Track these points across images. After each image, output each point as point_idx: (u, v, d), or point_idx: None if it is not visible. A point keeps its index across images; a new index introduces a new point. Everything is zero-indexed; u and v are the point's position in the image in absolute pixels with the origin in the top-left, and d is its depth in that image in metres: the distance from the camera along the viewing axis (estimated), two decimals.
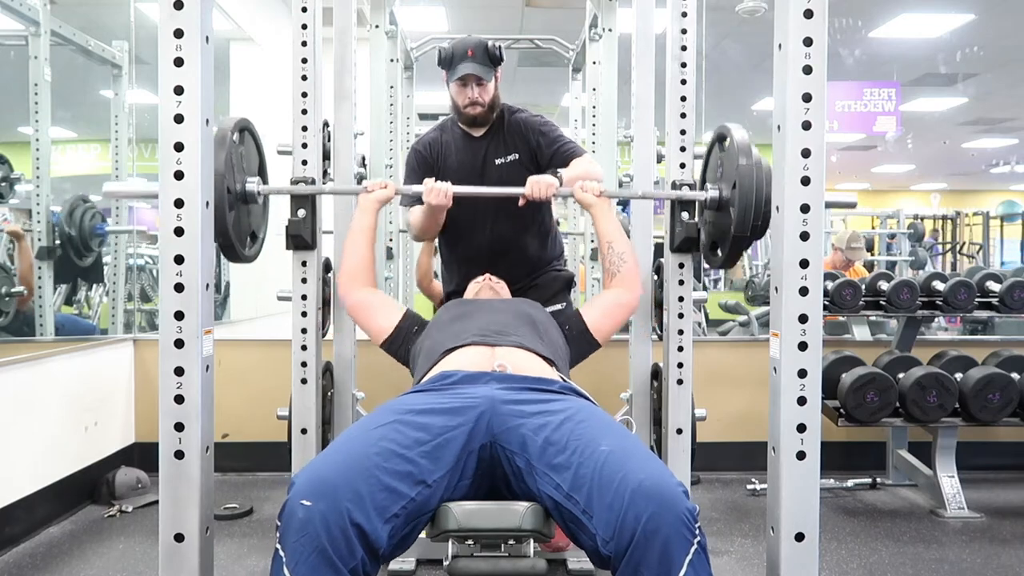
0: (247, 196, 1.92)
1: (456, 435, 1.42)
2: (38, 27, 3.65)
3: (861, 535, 2.84)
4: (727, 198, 1.89)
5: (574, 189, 2.15)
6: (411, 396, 1.58)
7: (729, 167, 1.88)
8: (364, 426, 1.47)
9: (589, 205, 2.14)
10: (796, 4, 1.39)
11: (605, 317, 2.07)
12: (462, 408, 1.46)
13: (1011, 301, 3.25)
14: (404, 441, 1.38)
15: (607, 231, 2.12)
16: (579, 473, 1.34)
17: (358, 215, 2.13)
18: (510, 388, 1.54)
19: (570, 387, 1.66)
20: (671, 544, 1.23)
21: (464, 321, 1.91)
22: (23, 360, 2.82)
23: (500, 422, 1.45)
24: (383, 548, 1.28)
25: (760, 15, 5.57)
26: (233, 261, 1.98)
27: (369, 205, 2.11)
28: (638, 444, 1.44)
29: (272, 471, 3.45)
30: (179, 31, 1.37)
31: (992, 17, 6.50)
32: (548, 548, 2.42)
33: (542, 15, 6.15)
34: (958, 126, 10.84)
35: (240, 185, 1.90)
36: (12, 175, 3.93)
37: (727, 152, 1.92)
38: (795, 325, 1.42)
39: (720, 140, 1.98)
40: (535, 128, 2.49)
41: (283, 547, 1.25)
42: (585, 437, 1.39)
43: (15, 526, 2.68)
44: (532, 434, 1.42)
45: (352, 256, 2.09)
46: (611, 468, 1.32)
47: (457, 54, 2.37)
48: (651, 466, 1.33)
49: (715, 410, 2.48)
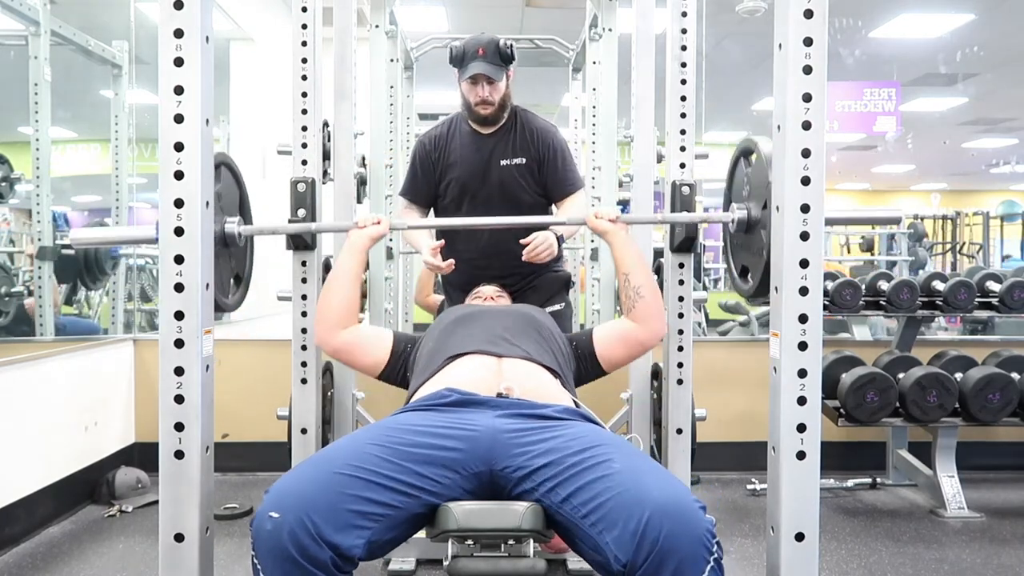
0: (227, 239, 1.75)
1: (448, 456, 1.38)
2: (38, 27, 3.66)
3: (861, 535, 2.84)
4: (757, 218, 1.71)
5: (587, 218, 1.98)
6: (406, 415, 1.52)
7: (758, 184, 1.71)
8: (349, 440, 1.44)
9: (604, 232, 1.94)
10: (796, 4, 1.39)
11: (616, 346, 1.93)
12: (461, 436, 1.41)
13: (1011, 301, 3.25)
14: (390, 454, 1.35)
15: (623, 261, 1.92)
16: (593, 491, 1.31)
17: (346, 255, 1.91)
18: (513, 416, 1.47)
19: (574, 411, 1.59)
20: (687, 563, 1.21)
21: (468, 326, 1.86)
22: (23, 360, 2.82)
23: (502, 451, 1.40)
24: (359, 554, 1.27)
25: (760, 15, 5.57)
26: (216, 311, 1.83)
27: (360, 243, 1.91)
28: (649, 460, 1.42)
29: (272, 471, 3.44)
30: (179, 31, 1.37)
31: (992, 17, 6.50)
32: (548, 548, 2.42)
33: (542, 15, 6.16)
34: (958, 126, 10.85)
35: (219, 227, 1.71)
36: (12, 175, 3.93)
37: (755, 167, 1.74)
38: (795, 325, 1.42)
39: (746, 155, 1.82)
40: (548, 142, 2.50)
41: (257, 558, 1.26)
42: (596, 456, 1.36)
43: (15, 526, 2.68)
44: (538, 457, 1.38)
45: (335, 300, 1.88)
46: (626, 485, 1.29)
47: (468, 52, 2.37)
48: (667, 483, 1.31)
49: (715, 410, 2.48)
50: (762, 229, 1.66)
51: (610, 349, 1.93)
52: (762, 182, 1.65)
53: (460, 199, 2.53)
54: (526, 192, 2.52)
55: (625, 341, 1.93)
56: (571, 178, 2.54)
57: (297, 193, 2.10)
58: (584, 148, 4.08)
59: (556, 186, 2.52)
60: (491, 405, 1.51)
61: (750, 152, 1.77)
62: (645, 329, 1.91)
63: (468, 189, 2.51)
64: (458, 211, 2.56)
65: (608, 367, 1.94)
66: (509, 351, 1.74)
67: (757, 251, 1.72)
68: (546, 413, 1.51)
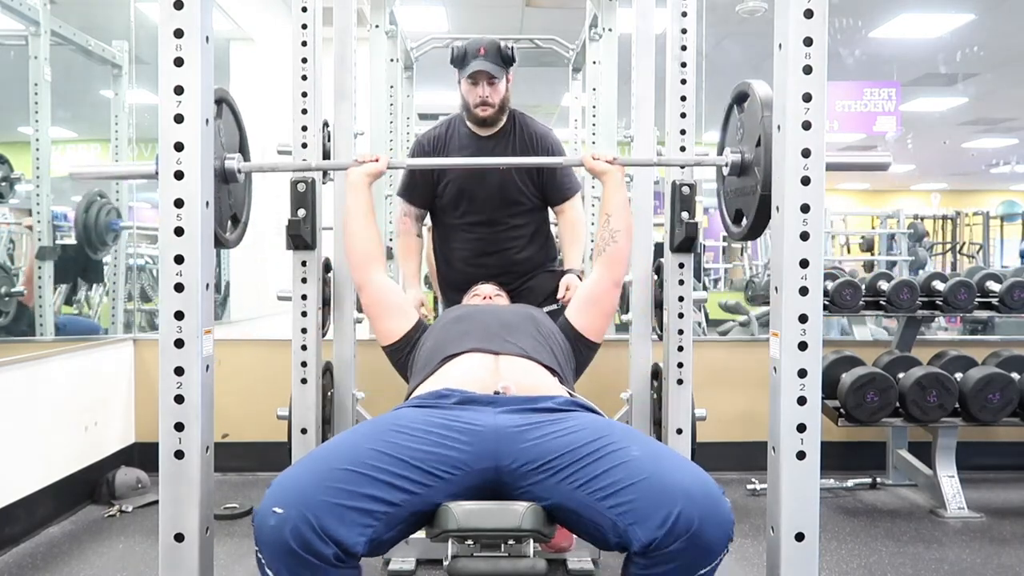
0: (227, 174, 1.74)
1: (453, 453, 1.38)
2: (38, 27, 3.66)
3: (861, 535, 2.84)
4: (750, 159, 1.72)
5: (584, 159, 2.03)
6: (407, 411, 1.52)
7: (751, 124, 1.72)
8: (350, 435, 1.45)
9: (602, 172, 2.00)
10: (796, 4, 1.39)
11: (587, 311, 1.97)
12: (465, 433, 1.41)
13: (1011, 301, 3.25)
14: (391, 450, 1.35)
15: (610, 202, 2.00)
16: (613, 476, 1.32)
17: (351, 194, 2.01)
18: (514, 412, 1.48)
19: (576, 402, 1.59)
20: (712, 547, 1.27)
21: (466, 323, 1.87)
22: (23, 360, 2.82)
23: (509, 447, 1.40)
24: (361, 551, 1.28)
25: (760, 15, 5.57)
26: (214, 247, 1.88)
27: (360, 180, 1.99)
28: (662, 446, 1.44)
29: (272, 471, 3.42)
30: (179, 31, 1.38)
31: (992, 17, 6.50)
32: (548, 548, 2.42)
33: (542, 15, 6.15)
34: (958, 126, 10.84)
35: (219, 162, 1.70)
36: (12, 175, 3.93)
37: (747, 110, 1.76)
38: (795, 325, 1.42)
39: (740, 101, 1.82)
40: (547, 146, 2.53)
41: (261, 553, 1.27)
42: (611, 444, 1.37)
43: (15, 526, 2.68)
44: (549, 448, 1.39)
45: (359, 239, 1.98)
46: (650, 471, 1.31)
47: (469, 52, 2.38)
48: (692, 469, 1.34)
49: (715, 410, 2.48)
50: (755, 167, 1.68)
51: (586, 317, 1.97)
52: (755, 124, 1.67)
53: (458, 200, 2.54)
54: (524, 195, 2.53)
55: (593, 301, 1.98)
56: (568, 182, 2.56)
57: (297, 193, 2.10)
58: (584, 148, 4.09)
59: (554, 189, 2.54)
60: (490, 404, 1.52)
61: (744, 97, 1.78)
62: (608, 275, 1.98)
63: (466, 190, 2.51)
64: (455, 211, 2.57)
65: (594, 336, 1.98)
66: (506, 348, 1.74)
67: (750, 191, 1.73)
68: (547, 406, 1.51)
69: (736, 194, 1.87)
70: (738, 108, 1.84)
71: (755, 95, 1.70)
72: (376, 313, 1.99)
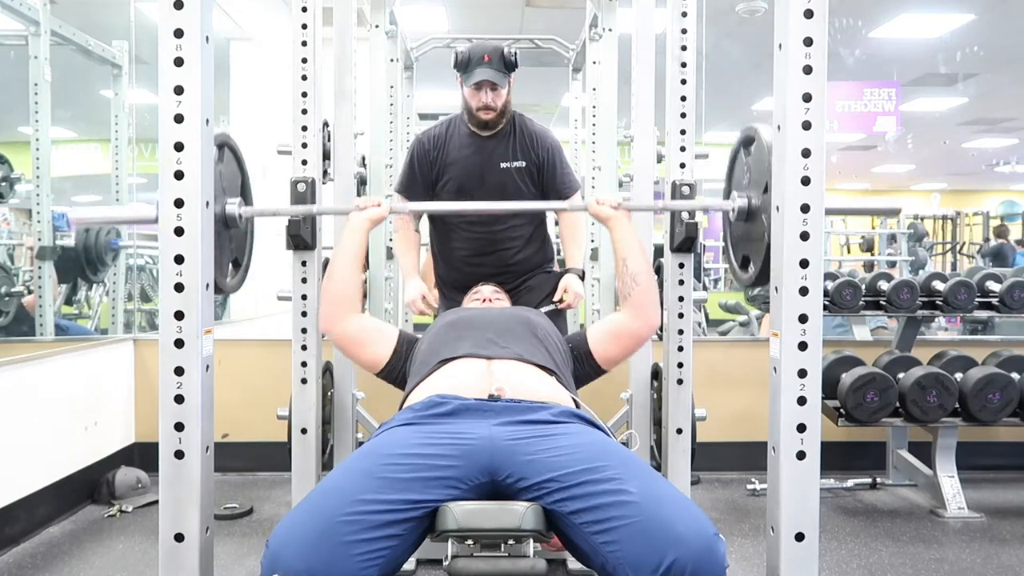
0: (228, 220, 1.73)
1: (446, 474, 1.37)
2: (38, 27, 3.66)
3: (861, 535, 2.84)
4: (757, 205, 1.70)
5: (588, 204, 1.98)
6: (399, 433, 1.49)
7: (759, 169, 1.70)
8: (344, 476, 1.40)
9: (607, 219, 1.94)
10: (796, 4, 1.39)
11: (609, 342, 1.91)
12: (457, 450, 1.40)
13: (1011, 301, 3.25)
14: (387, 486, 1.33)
15: (622, 246, 1.91)
16: (607, 513, 1.30)
17: (347, 235, 1.91)
18: (509, 423, 1.46)
19: (574, 412, 1.57)
20: None
21: (460, 328, 1.86)
22: (23, 360, 2.82)
23: (503, 460, 1.39)
24: None
25: (760, 15, 5.57)
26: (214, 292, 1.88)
27: (360, 224, 1.91)
28: (661, 480, 1.41)
29: (272, 471, 3.45)
30: (179, 31, 1.37)
31: (992, 17, 6.50)
32: (548, 548, 2.42)
33: (542, 15, 6.15)
34: (958, 126, 10.84)
35: (220, 208, 1.69)
36: (12, 175, 3.94)
37: (755, 156, 1.74)
38: (795, 325, 1.42)
39: (746, 144, 1.80)
40: (546, 146, 2.53)
41: None
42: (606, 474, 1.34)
43: (15, 526, 2.68)
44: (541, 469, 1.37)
45: (338, 282, 1.88)
46: (646, 514, 1.28)
47: (474, 58, 2.38)
48: (689, 514, 1.30)
49: (715, 410, 2.48)
50: (763, 214, 1.64)
51: (605, 346, 1.91)
52: (763, 169, 1.64)
53: (457, 199, 2.54)
54: (524, 195, 2.53)
55: (619, 336, 1.91)
56: (568, 181, 2.57)
57: (297, 193, 2.10)
58: (584, 148, 4.08)
59: (554, 189, 2.54)
60: (486, 411, 1.50)
61: (751, 141, 1.77)
62: (639, 319, 1.89)
63: (465, 190, 2.51)
64: (456, 214, 2.57)
65: (606, 365, 1.93)
66: (499, 353, 1.74)
67: (758, 238, 1.70)
68: (543, 417, 1.49)
69: (743, 239, 1.84)
70: (744, 151, 1.82)
71: (761, 140, 1.68)
72: (355, 352, 1.93)
